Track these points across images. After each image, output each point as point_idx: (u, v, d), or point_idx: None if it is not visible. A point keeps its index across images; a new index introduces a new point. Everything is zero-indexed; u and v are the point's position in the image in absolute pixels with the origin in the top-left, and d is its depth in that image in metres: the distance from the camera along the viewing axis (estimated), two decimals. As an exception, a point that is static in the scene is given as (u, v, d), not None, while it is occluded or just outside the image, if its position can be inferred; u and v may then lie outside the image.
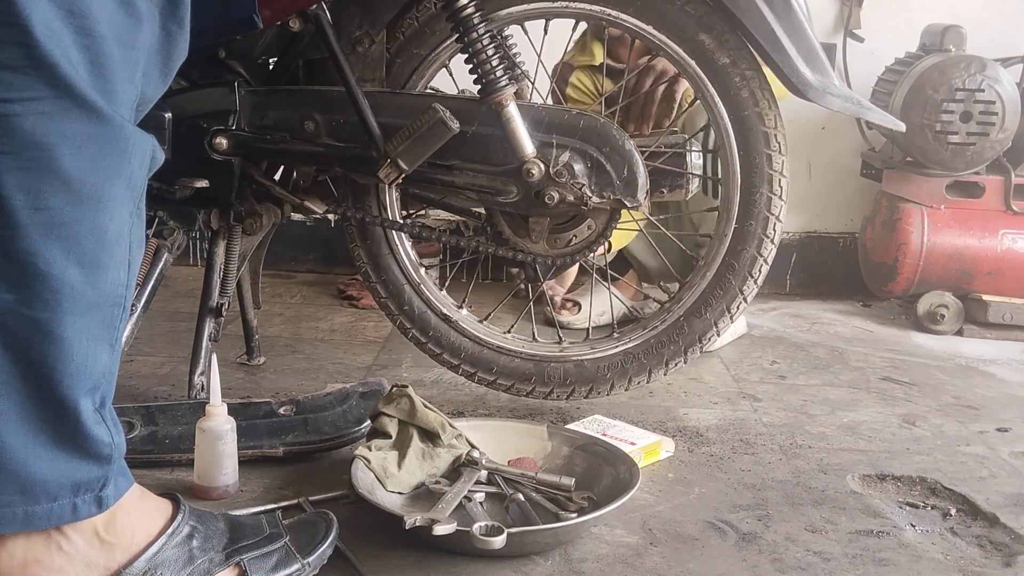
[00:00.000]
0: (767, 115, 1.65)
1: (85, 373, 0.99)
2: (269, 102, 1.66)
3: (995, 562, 1.37)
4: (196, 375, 1.73)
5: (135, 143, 1.00)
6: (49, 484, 0.99)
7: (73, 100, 0.93)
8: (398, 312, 1.80)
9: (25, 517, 0.98)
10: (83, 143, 0.95)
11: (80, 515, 1.01)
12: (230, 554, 1.14)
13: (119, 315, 1.02)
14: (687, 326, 1.74)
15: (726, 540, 1.39)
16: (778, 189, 1.67)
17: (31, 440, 0.97)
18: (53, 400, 0.97)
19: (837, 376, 2.22)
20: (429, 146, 1.57)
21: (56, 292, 0.95)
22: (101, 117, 0.95)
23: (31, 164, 0.92)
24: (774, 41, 1.58)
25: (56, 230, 0.95)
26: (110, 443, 1.02)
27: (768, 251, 1.69)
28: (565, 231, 1.67)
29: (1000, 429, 1.91)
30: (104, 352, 1.01)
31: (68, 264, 0.96)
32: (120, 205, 1.00)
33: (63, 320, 0.96)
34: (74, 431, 0.99)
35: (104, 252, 0.99)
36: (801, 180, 2.98)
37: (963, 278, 2.64)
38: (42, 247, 0.94)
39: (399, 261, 1.79)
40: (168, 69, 1.06)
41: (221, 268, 1.78)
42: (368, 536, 1.33)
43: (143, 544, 1.07)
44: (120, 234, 1.01)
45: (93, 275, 0.98)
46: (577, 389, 1.78)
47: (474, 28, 1.56)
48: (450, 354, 1.81)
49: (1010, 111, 2.55)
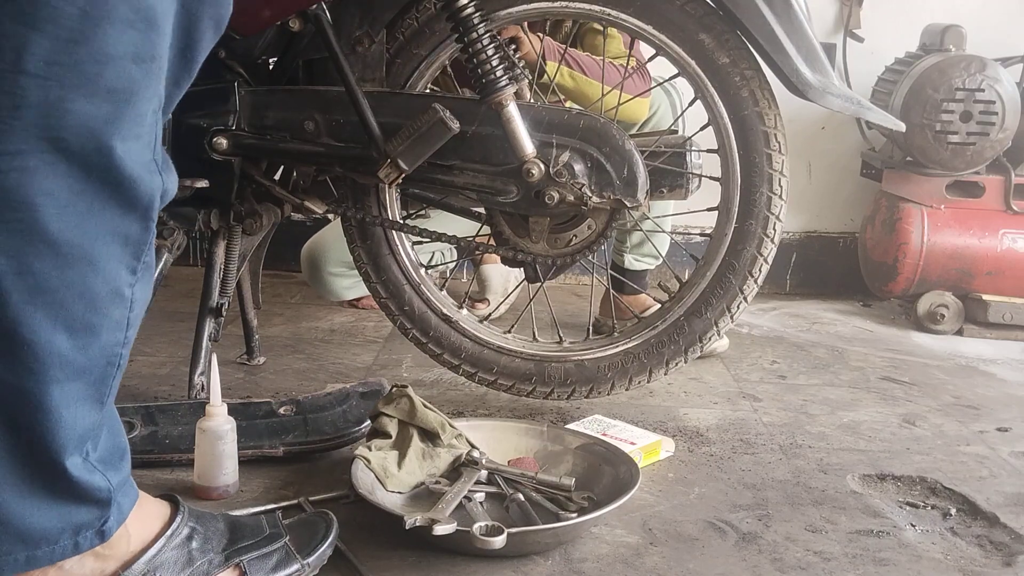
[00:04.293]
0: (767, 115, 1.65)
1: (73, 434, 0.95)
2: (269, 102, 1.66)
3: (995, 562, 1.37)
4: (196, 375, 1.73)
5: (139, 194, 0.93)
6: (48, 531, 0.97)
7: (60, 153, 0.86)
8: (398, 312, 1.80)
9: (27, 561, 0.97)
10: (71, 200, 0.88)
11: (82, 550, 1.00)
12: (230, 555, 1.13)
13: (113, 373, 0.98)
14: (687, 325, 1.74)
15: (726, 540, 1.39)
16: (778, 188, 1.67)
17: (26, 495, 0.95)
18: (41, 460, 0.94)
19: (837, 376, 2.22)
20: (429, 146, 1.57)
21: (42, 361, 0.90)
22: (91, 171, 0.88)
23: (14, 225, 0.86)
24: (774, 41, 1.58)
25: (41, 296, 0.89)
26: (107, 487, 1.00)
27: (768, 250, 1.69)
28: (565, 231, 1.67)
29: (1000, 429, 1.91)
30: (94, 410, 0.97)
31: (55, 332, 0.90)
32: (115, 265, 0.94)
33: (49, 389, 0.91)
34: (65, 485, 0.96)
35: (96, 316, 0.93)
36: (801, 180, 2.98)
37: (963, 278, 2.64)
38: (26, 315, 0.88)
39: (399, 262, 1.79)
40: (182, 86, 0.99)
41: (221, 268, 1.78)
42: (368, 536, 1.33)
43: (138, 549, 1.06)
44: (115, 294, 0.94)
45: (83, 340, 0.93)
46: (578, 389, 1.78)
47: (474, 28, 1.55)
48: (451, 354, 1.81)
49: (1010, 111, 2.56)
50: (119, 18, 0.87)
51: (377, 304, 1.83)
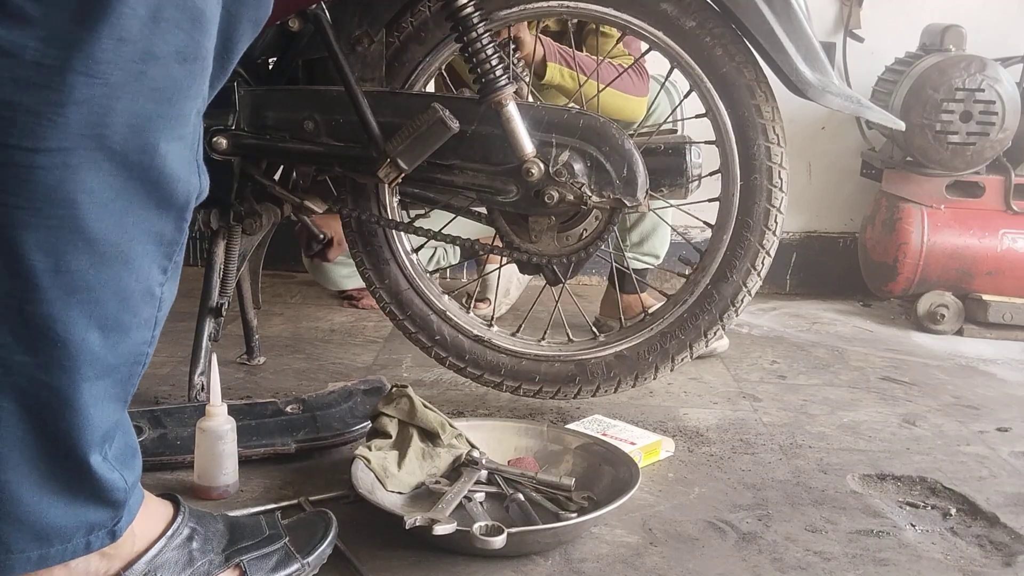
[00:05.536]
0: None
1: (99, 432, 0.96)
2: (269, 102, 1.66)
3: (995, 562, 1.37)
4: (196, 375, 1.73)
5: (176, 194, 0.94)
6: (63, 529, 0.97)
7: (103, 151, 0.87)
8: (431, 343, 1.80)
9: (40, 559, 0.97)
10: (111, 199, 0.88)
11: (93, 549, 1.00)
12: (230, 555, 1.13)
13: (138, 372, 0.99)
14: (717, 292, 1.72)
15: (726, 540, 1.39)
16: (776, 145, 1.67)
17: (45, 492, 0.95)
18: (66, 458, 0.95)
19: (837, 376, 2.22)
20: (429, 145, 1.57)
21: (74, 359, 0.91)
22: (133, 169, 0.89)
23: (54, 222, 0.86)
24: (774, 40, 1.58)
25: (78, 294, 0.89)
26: (124, 487, 1.00)
27: (779, 201, 1.68)
28: (573, 227, 1.66)
29: (1000, 429, 1.90)
30: (118, 409, 0.98)
31: (88, 329, 0.91)
32: (148, 264, 0.94)
33: (80, 387, 0.92)
34: (87, 482, 0.97)
35: (127, 314, 0.94)
36: (801, 180, 2.98)
37: (963, 278, 2.64)
38: (62, 312, 0.89)
39: (421, 295, 1.79)
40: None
41: (221, 268, 1.78)
42: (368, 536, 1.33)
43: (142, 548, 1.07)
44: (147, 294, 0.95)
45: (114, 339, 0.93)
46: (623, 380, 1.76)
47: (473, 28, 1.55)
48: (491, 373, 1.80)
49: (1010, 111, 2.56)
50: (165, 18, 0.87)
51: (409, 339, 1.82)
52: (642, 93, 2.16)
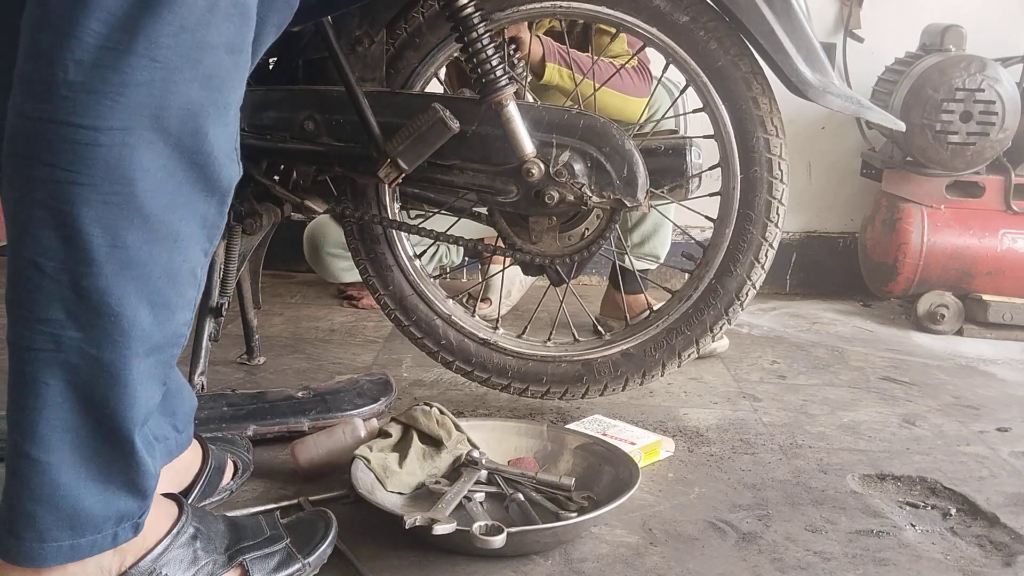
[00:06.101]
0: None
1: (143, 411, 0.97)
2: (269, 102, 1.65)
3: (995, 562, 1.37)
4: (196, 375, 1.73)
5: (221, 178, 0.97)
6: (96, 518, 0.98)
7: (160, 132, 0.90)
8: (437, 348, 1.81)
9: (71, 549, 0.97)
10: (164, 179, 0.92)
11: (119, 543, 1.01)
12: (232, 555, 1.14)
13: (176, 355, 1.01)
14: (721, 287, 1.72)
15: (726, 540, 1.39)
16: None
17: (83, 476, 0.96)
18: (111, 438, 0.96)
19: (837, 376, 2.22)
20: (429, 146, 1.57)
21: (126, 334, 0.93)
22: (185, 152, 0.92)
23: (112, 198, 0.89)
24: (773, 40, 1.58)
25: (131, 269, 0.92)
26: (154, 474, 1.02)
27: (780, 192, 1.68)
28: (574, 227, 1.66)
29: (1000, 429, 1.91)
30: (159, 391, 1.00)
31: (140, 305, 0.93)
32: (194, 245, 0.97)
33: (129, 362, 0.94)
34: (126, 464, 0.98)
35: (174, 293, 0.96)
36: (801, 180, 2.98)
37: (963, 278, 2.64)
38: (116, 287, 0.91)
39: (425, 300, 1.80)
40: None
41: (221, 268, 1.78)
42: (368, 536, 1.33)
43: (151, 545, 1.07)
44: (191, 274, 0.98)
45: (162, 316, 0.95)
46: (631, 378, 1.77)
47: (474, 28, 1.55)
48: (498, 376, 1.80)
49: (1010, 111, 2.56)
50: (220, 10, 0.92)
51: (415, 345, 1.83)
52: (642, 94, 2.16)
